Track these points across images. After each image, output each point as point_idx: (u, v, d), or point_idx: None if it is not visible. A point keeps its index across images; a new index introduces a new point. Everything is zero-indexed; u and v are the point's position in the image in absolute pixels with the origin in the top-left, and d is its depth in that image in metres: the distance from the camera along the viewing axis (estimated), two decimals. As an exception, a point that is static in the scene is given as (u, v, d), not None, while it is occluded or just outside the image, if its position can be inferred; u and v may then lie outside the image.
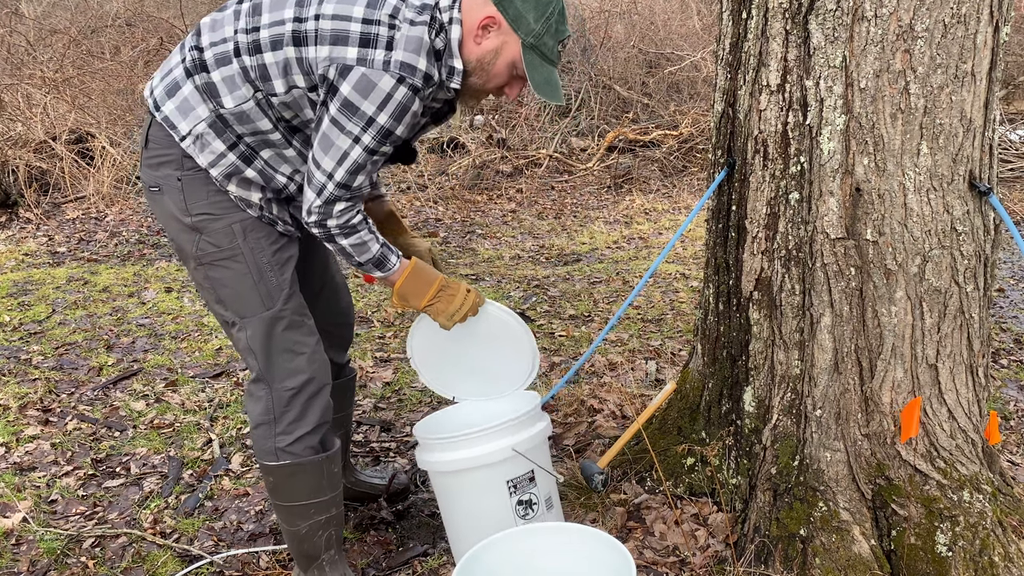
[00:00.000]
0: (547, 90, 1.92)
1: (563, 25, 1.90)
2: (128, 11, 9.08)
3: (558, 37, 1.90)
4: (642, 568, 2.19)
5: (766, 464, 2.24)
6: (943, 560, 2.00)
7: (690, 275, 4.94)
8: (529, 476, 2.13)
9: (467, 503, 2.15)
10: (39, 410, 3.27)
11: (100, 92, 7.24)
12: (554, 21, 1.88)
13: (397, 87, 1.81)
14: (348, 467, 2.58)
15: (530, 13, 1.87)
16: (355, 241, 1.98)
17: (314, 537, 2.09)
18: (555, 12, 1.87)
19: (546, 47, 1.89)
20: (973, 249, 2.06)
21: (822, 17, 1.96)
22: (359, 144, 1.85)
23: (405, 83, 1.81)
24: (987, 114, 2.02)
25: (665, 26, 9.51)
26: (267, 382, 2.03)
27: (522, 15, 1.87)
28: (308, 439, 2.05)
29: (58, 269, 5.15)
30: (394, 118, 1.84)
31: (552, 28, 1.88)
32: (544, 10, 1.87)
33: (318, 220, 1.93)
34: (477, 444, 2.09)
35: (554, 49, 1.91)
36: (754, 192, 2.18)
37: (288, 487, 2.06)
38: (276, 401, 2.03)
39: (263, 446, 2.05)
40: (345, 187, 1.89)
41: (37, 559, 2.40)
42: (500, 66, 1.93)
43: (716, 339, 2.40)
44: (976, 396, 2.18)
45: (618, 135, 7.84)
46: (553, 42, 1.90)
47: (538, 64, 1.91)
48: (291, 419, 2.03)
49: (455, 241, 5.90)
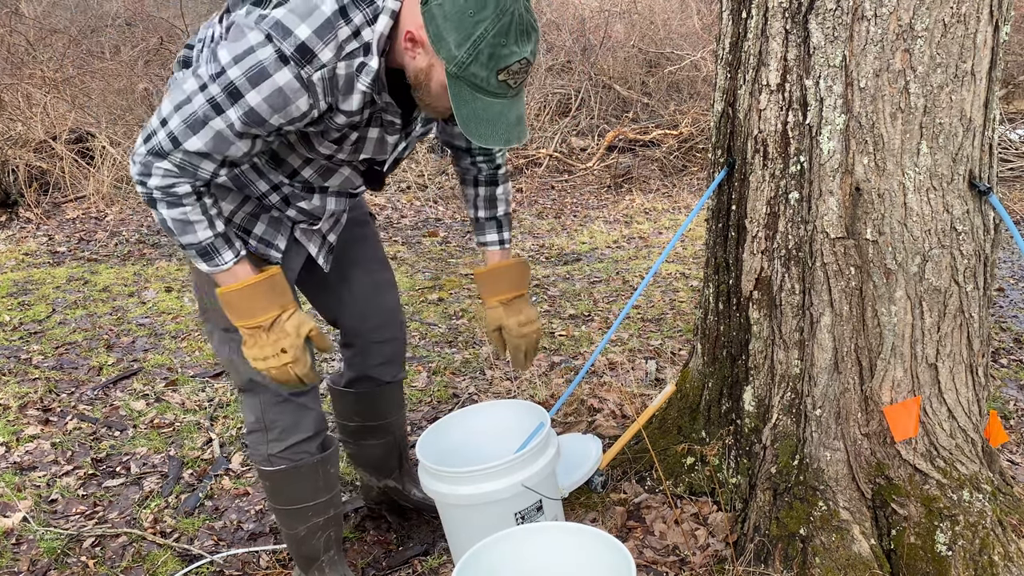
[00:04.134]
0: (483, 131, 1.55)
1: (505, 48, 1.49)
2: (128, 11, 9.09)
3: (495, 65, 1.50)
4: (642, 568, 2.19)
5: (766, 463, 2.24)
6: (943, 559, 2.01)
7: (690, 275, 4.94)
8: (537, 506, 2.10)
9: (474, 532, 2.07)
10: (39, 410, 3.28)
11: (100, 92, 7.25)
12: (486, 46, 1.48)
13: (263, 45, 1.50)
14: (408, 477, 2.48)
15: (451, 35, 1.48)
16: (177, 216, 1.63)
17: (312, 539, 2.07)
18: (487, 35, 1.47)
19: (476, 78, 1.51)
20: (973, 248, 2.06)
21: (822, 16, 1.96)
22: (203, 93, 1.53)
23: (272, 43, 1.50)
24: (987, 113, 2.02)
25: (665, 25, 9.51)
26: (251, 390, 1.92)
27: (442, 37, 1.49)
28: (303, 446, 1.98)
29: (58, 269, 5.15)
30: (248, 79, 1.51)
31: (482, 56, 1.49)
32: (469, 32, 1.47)
33: (140, 172, 1.60)
34: (486, 481, 2.02)
35: (489, 80, 1.51)
36: (754, 191, 2.18)
37: (284, 491, 2.03)
38: (264, 409, 1.93)
39: (256, 451, 2.00)
40: (175, 142, 1.56)
41: (37, 558, 2.40)
42: (436, 89, 1.58)
43: (716, 338, 2.40)
44: (976, 395, 2.18)
45: (618, 134, 7.84)
46: (486, 72, 1.50)
47: (468, 97, 1.53)
48: (283, 427, 1.95)
49: (455, 241, 5.90)
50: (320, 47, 1.52)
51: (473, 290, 4.69)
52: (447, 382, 3.47)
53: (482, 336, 3.95)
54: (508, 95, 1.56)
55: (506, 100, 1.56)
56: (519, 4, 1.50)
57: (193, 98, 1.55)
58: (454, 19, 1.47)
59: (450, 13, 1.47)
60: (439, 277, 4.97)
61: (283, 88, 1.53)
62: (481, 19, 1.46)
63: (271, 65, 1.51)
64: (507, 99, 1.56)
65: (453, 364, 3.65)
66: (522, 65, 1.53)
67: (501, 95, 1.55)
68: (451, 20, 1.47)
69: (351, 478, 2.65)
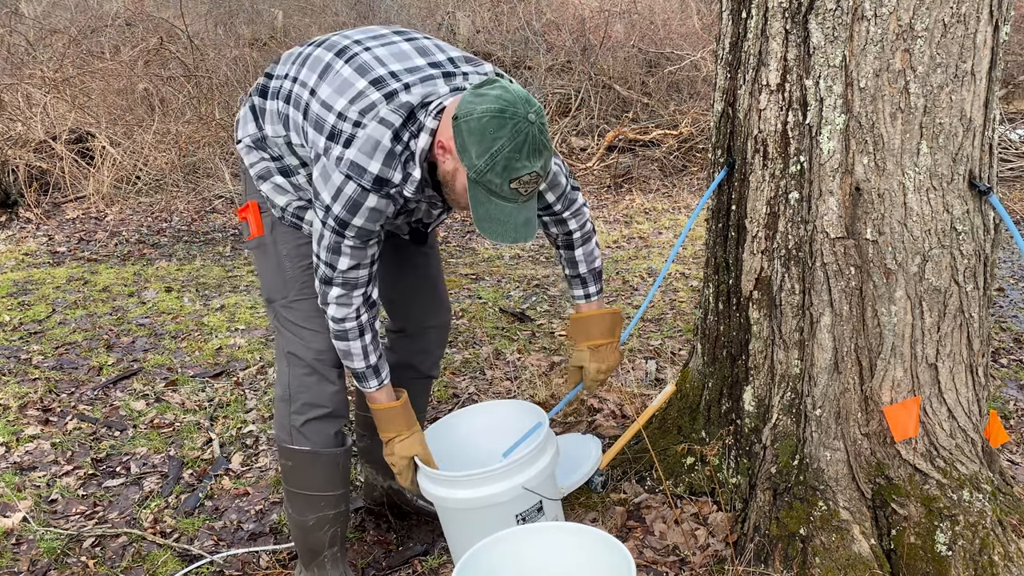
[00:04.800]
0: (493, 229, 1.80)
1: (517, 163, 1.73)
2: (128, 11, 9.08)
3: (508, 176, 1.73)
4: (642, 567, 2.19)
5: (766, 463, 2.24)
6: (943, 559, 2.00)
7: (690, 275, 4.94)
8: (538, 507, 2.10)
9: (474, 533, 2.07)
10: (39, 410, 3.28)
11: (100, 92, 7.25)
12: (501, 159, 1.71)
13: (346, 183, 1.83)
14: None
15: (473, 147, 1.73)
16: (342, 347, 2.03)
17: (320, 531, 2.13)
18: (503, 151, 1.71)
19: (492, 184, 1.75)
20: (973, 248, 2.06)
21: (822, 16, 1.96)
22: (324, 227, 1.89)
23: (353, 181, 1.82)
24: (987, 113, 2.02)
25: (665, 25, 9.51)
26: (287, 361, 2.11)
27: (466, 148, 1.74)
28: (321, 425, 2.10)
29: (58, 269, 5.15)
30: (347, 210, 1.85)
31: (497, 167, 1.72)
32: (488, 146, 1.71)
33: (322, 303, 2.00)
34: (486, 485, 2.03)
35: (502, 187, 1.75)
36: (754, 191, 2.18)
37: (303, 474, 2.11)
38: (292, 380, 2.10)
39: (280, 424, 2.12)
40: (330, 267, 1.93)
41: (37, 559, 2.40)
42: (459, 191, 1.84)
43: (716, 338, 2.40)
44: (976, 395, 2.18)
45: (618, 134, 7.84)
46: (500, 180, 1.74)
47: (483, 199, 1.78)
48: (305, 400, 2.09)
49: (455, 240, 5.91)
50: (391, 172, 1.83)
51: (473, 290, 4.70)
52: (447, 382, 3.47)
53: (482, 336, 3.96)
54: (518, 200, 1.78)
55: (516, 205, 1.79)
56: (534, 127, 1.73)
57: (323, 232, 1.90)
58: (477, 134, 1.71)
59: (474, 129, 1.71)
60: (439, 277, 4.96)
61: (375, 208, 1.86)
62: (499, 136, 1.70)
63: (359, 196, 1.84)
64: (517, 204, 1.79)
65: (453, 364, 3.65)
66: (531, 177, 1.76)
67: (512, 200, 1.78)
68: (474, 135, 1.72)
69: (353, 476, 2.65)
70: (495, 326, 4.12)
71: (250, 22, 10.57)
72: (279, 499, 2.65)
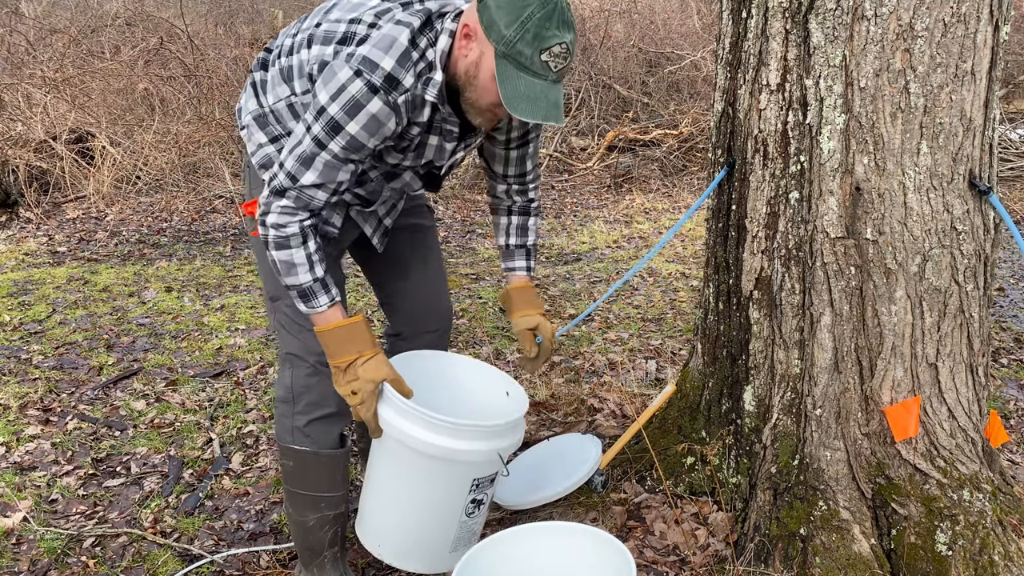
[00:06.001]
0: (523, 107, 1.71)
1: (548, 31, 1.67)
2: (128, 11, 9.08)
3: (539, 45, 1.67)
4: (642, 567, 2.19)
5: (766, 463, 2.24)
6: (943, 559, 2.00)
7: (690, 274, 4.94)
8: (492, 478, 2.02)
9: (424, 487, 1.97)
10: (39, 410, 3.28)
11: (100, 92, 7.24)
12: (532, 26, 1.66)
13: (353, 79, 1.71)
14: None
15: (502, 18, 1.67)
16: (284, 257, 1.85)
17: (320, 531, 2.12)
18: (533, 16, 1.66)
19: (522, 56, 1.68)
20: (973, 248, 2.06)
21: (822, 16, 1.96)
22: (309, 133, 1.77)
23: (362, 77, 1.71)
24: (987, 113, 2.02)
25: (665, 25, 9.52)
26: (289, 362, 2.06)
27: (494, 21, 1.68)
28: (325, 425, 2.05)
29: (58, 269, 5.15)
30: (346, 112, 1.73)
31: (528, 35, 1.66)
32: (518, 14, 1.66)
33: (261, 213, 1.84)
34: (467, 438, 1.90)
35: (533, 58, 1.68)
36: (754, 191, 2.18)
37: (304, 474, 2.08)
38: (295, 380, 2.05)
39: (282, 425, 2.07)
40: (292, 178, 1.79)
41: (37, 558, 2.40)
42: (484, 79, 1.75)
43: (716, 338, 2.40)
44: (976, 395, 2.18)
45: (618, 134, 7.84)
46: (531, 51, 1.68)
47: (512, 75, 1.70)
48: (309, 400, 2.04)
49: (455, 241, 5.91)
50: (403, 74, 1.74)
51: (473, 290, 4.70)
52: (447, 382, 3.47)
53: (482, 336, 3.96)
54: (549, 78, 1.71)
55: (547, 82, 1.71)
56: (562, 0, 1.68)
57: (303, 140, 1.77)
58: (506, 5, 1.66)
59: (503, 2, 1.67)
60: (439, 277, 4.97)
61: (376, 115, 1.74)
62: (528, 3, 1.65)
63: (363, 96, 1.72)
64: (547, 81, 1.71)
65: (453, 364, 3.65)
66: (563, 49, 1.69)
67: (543, 76, 1.70)
68: (503, 6, 1.67)
69: (353, 476, 2.65)
70: (495, 326, 4.12)
71: (250, 22, 10.58)
72: (279, 499, 2.65)
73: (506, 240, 2.26)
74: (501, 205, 2.25)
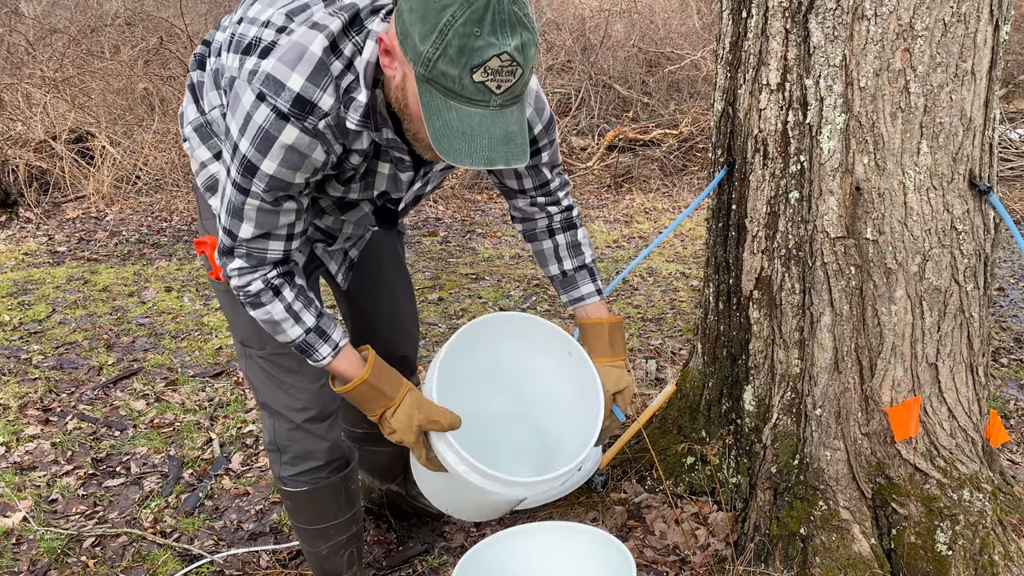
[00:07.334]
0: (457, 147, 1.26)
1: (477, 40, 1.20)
2: (128, 11, 9.08)
3: (467, 61, 1.20)
4: (642, 567, 2.19)
5: (766, 463, 2.24)
6: (943, 559, 2.00)
7: (690, 274, 4.94)
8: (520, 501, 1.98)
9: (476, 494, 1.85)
10: (39, 409, 3.28)
11: (100, 91, 7.24)
12: (453, 36, 1.19)
13: (256, 105, 1.35)
14: (411, 483, 2.38)
15: (415, 27, 1.22)
16: (262, 316, 1.56)
17: (335, 557, 2.01)
18: (454, 22, 1.19)
19: (446, 78, 1.22)
20: (973, 248, 2.06)
21: (822, 16, 1.96)
22: (230, 178, 1.43)
23: (266, 102, 1.34)
24: (987, 113, 2.02)
25: (665, 25, 9.51)
26: (268, 412, 1.86)
27: (408, 32, 1.23)
28: (315, 473, 1.89)
29: (58, 269, 5.15)
30: (257, 149, 1.37)
31: (450, 49, 1.20)
32: (435, 20, 1.19)
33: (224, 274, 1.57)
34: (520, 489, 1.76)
35: (462, 80, 1.22)
36: (754, 191, 2.18)
37: (305, 511, 1.95)
38: (278, 434, 1.85)
39: (274, 471, 1.94)
40: (230, 234, 1.49)
41: (37, 558, 2.40)
42: (414, 108, 1.31)
43: (716, 338, 2.40)
44: (976, 395, 2.18)
45: (618, 134, 7.84)
46: (457, 70, 1.21)
47: (440, 105, 1.25)
48: (295, 453, 1.86)
49: (455, 240, 5.90)
50: (318, 94, 1.35)
51: (473, 290, 4.70)
52: (447, 382, 3.47)
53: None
54: (490, 103, 1.25)
55: (487, 110, 1.26)
56: None
57: (226, 187, 1.46)
58: (419, 9, 1.21)
59: (415, 5, 1.22)
60: (439, 277, 4.97)
61: (293, 146, 1.38)
62: (447, 4, 1.19)
63: (272, 126, 1.35)
64: (489, 108, 1.26)
65: (453, 364, 3.65)
66: (504, 63, 1.21)
67: (480, 102, 1.25)
68: (416, 11, 1.22)
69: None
70: (495, 326, 4.11)
71: (250, 22, 10.55)
72: (279, 499, 2.65)
73: (560, 267, 1.87)
74: (536, 227, 1.86)
